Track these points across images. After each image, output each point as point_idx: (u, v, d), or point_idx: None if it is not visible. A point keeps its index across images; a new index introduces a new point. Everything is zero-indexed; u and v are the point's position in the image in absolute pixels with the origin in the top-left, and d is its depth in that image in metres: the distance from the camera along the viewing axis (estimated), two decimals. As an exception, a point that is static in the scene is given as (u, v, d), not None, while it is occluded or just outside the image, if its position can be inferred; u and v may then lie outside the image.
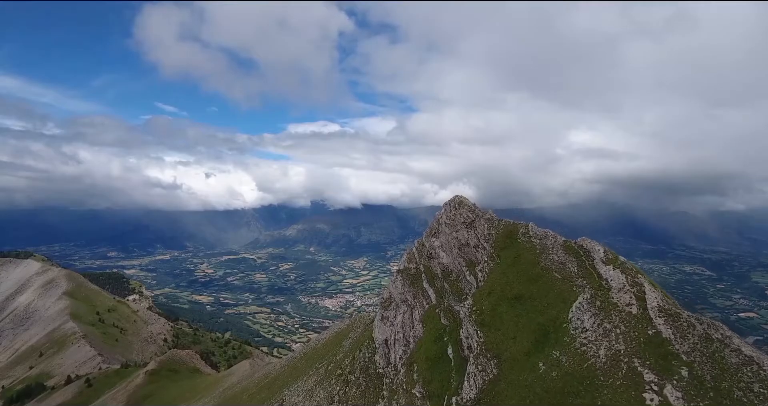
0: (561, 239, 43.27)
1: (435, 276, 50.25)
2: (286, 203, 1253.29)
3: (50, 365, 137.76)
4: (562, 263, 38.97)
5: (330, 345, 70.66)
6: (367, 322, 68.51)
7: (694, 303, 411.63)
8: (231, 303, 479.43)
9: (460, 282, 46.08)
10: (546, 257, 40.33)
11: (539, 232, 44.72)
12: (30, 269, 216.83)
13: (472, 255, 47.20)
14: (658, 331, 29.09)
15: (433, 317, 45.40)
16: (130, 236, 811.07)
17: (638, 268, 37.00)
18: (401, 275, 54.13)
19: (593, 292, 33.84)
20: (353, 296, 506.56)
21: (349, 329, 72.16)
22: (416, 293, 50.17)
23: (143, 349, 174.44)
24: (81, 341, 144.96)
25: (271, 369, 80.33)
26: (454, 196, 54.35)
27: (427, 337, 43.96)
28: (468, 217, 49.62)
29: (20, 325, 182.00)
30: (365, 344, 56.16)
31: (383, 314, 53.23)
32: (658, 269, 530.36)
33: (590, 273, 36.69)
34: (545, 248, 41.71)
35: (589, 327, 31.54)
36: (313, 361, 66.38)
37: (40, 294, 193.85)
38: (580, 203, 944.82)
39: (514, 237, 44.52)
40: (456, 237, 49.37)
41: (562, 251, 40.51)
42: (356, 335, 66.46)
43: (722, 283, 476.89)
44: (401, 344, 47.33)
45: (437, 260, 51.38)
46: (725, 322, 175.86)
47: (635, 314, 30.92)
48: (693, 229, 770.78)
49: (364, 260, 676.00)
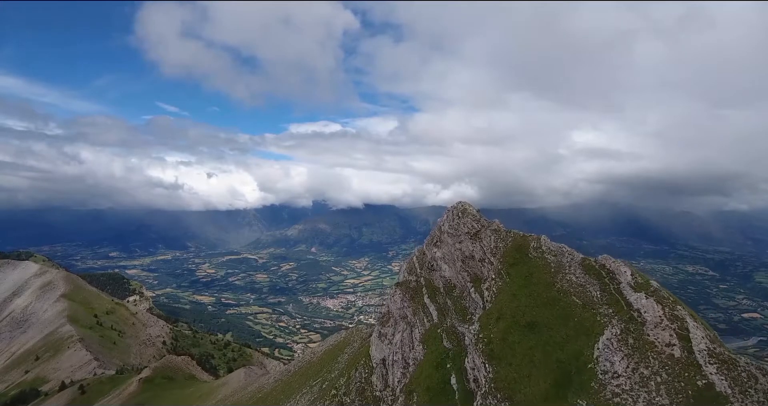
0: (579, 255, 38.47)
1: (437, 291, 45.80)
2: (288, 203, 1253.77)
3: (46, 369, 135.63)
4: (581, 286, 34.28)
5: (325, 360, 67.04)
6: (364, 336, 64.64)
7: (697, 303, 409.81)
8: (232, 303, 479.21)
9: (465, 299, 41.77)
10: (562, 277, 35.66)
11: (553, 247, 39.88)
12: (28, 271, 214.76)
13: (478, 270, 42.97)
14: (711, 382, 23.94)
15: (434, 337, 41.39)
16: (132, 236, 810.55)
17: (675, 296, 31.96)
18: (400, 288, 50.02)
19: (623, 326, 29.03)
20: (355, 297, 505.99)
21: (346, 342, 68.51)
22: (416, 308, 46.02)
23: (141, 352, 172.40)
24: (77, 345, 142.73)
25: (264, 382, 77.44)
26: (457, 203, 50.02)
27: (428, 360, 40.02)
28: (472, 227, 45.33)
29: (17, 328, 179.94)
30: (362, 363, 51.90)
31: (381, 331, 49.17)
32: (660, 269, 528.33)
33: (616, 300, 31.90)
34: (561, 266, 37.02)
35: (621, 372, 26.50)
36: (308, 377, 62.95)
37: (38, 296, 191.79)
38: (582, 202, 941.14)
39: (525, 252, 39.88)
40: (459, 249, 45.25)
41: (581, 271, 35.71)
42: (353, 350, 62.47)
43: (725, 283, 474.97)
44: (400, 366, 43.19)
45: (439, 272, 47.21)
46: (728, 323, 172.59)
47: (678, 358, 25.82)
48: (696, 229, 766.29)
49: (365, 260, 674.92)
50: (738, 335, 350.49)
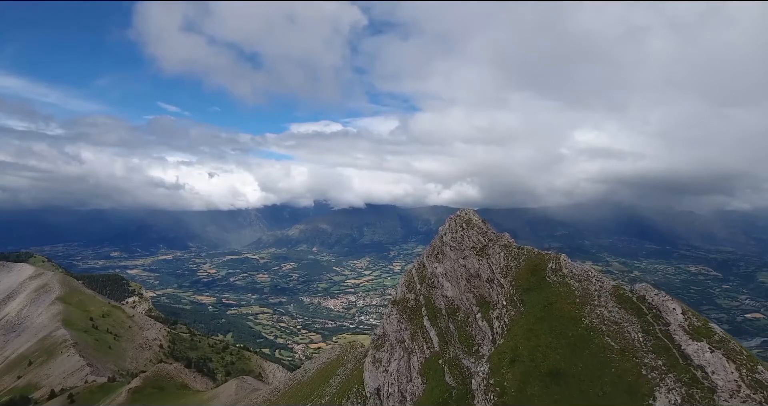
0: (609, 282, 31.59)
1: (438, 312, 40.64)
2: (289, 202, 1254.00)
3: (38, 375, 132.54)
4: (616, 323, 27.61)
5: (317, 380, 62.32)
6: (358, 356, 59.59)
7: (700, 304, 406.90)
8: (233, 304, 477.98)
9: (470, 326, 36.66)
10: (591, 311, 29.14)
11: (576, 270, 32.94)
12: (23, 274, 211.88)
13: (485, 291, 37.82)
14: None
15: (435, 370, 36.18)
16: (133, 236, 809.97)
17: (749, 351, 24.44)
18: (397, 307, 44.82)
19: (684, 391, 21.71)
20: (356, 297, 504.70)
21: (339, 361, 63.41)
22: (415, 332, 40.96)
23: (137, 356, 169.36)
24: (71, 350, 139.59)
25: (254, 399, 74.01)
26: (461, 211, 45.28)
27: (428, 398, 34.87)
28: (478, 241, 40.28)
29: (12, 331, 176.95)
30: (354, 390, 47.27)
31: (375, 355, 44.23)
32: (663, 269, 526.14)
33: (666, 347, 24.71)
34: (588, 295, 30.52)
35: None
36: (298, 399, 59.12)
37: (33, 300, 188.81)
38: (584, 202, 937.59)
39: (542, 274, 33.62)
40: (464, 265, 40.26)
41: (614, 303, 28.98)
42: (346, 372, 57.24)
43: (728, 283, 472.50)
44: (396, 400, 38.56)
45: (441, 291, 42.13)
46: (731, 323, 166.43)
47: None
48: (698, 229, 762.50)
49: (366, 260, 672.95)
50: (741, 335, 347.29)
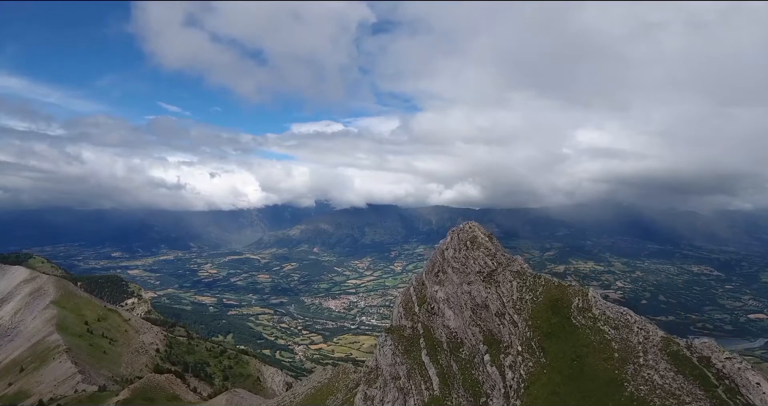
0: (658, 333, 23.67)
1: (438, 346, 33.85)
2: (291, 202, 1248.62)
3: (29, 382, 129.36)
4: (673, 395, 21.08)
5: None
6: (349, 385, 53.29)
7: (703, 304, 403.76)
8: (234, 304, 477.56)
9: (476, 368, 29.58)
10: (636, 373, 21.94)
11: (611, 312, 25.15)
12: (17, 277, 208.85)
13: (494, 326, 30.80)
14: None
15: None
16: (134, 236, 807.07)
17: None
18: (392, 337, 38.22)
19: None
20: (357, 297, 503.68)
21: (329, 390, 56.80)
22: (412, 368, 34.21)
23: (133, 361, 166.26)
24: (63, 356, 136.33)
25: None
26: (465, 226, 38.66)
27: None
28: (486, 264, 33.27)
29: (5, 336, 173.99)
30: None
31: (367, 392, 37.92)
32: (665, 269, 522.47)
33: None
34: (630, 349, 22.74)
35: None
36: None
37: (27, 303, 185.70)
38: (586, 202, 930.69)
39: (565, 314, 25.67)
40: (468, 292, 33.65)
41: (666, 363, 21.77)
42: (336, 403, 50.87)
43: (731, 283, 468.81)
44: None
45: (441, 319, 35.60)
46: (734, 324, 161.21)
47: None
48: (701, 228, 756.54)
49: (368, 260, 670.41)
50: (744, 336, 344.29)
